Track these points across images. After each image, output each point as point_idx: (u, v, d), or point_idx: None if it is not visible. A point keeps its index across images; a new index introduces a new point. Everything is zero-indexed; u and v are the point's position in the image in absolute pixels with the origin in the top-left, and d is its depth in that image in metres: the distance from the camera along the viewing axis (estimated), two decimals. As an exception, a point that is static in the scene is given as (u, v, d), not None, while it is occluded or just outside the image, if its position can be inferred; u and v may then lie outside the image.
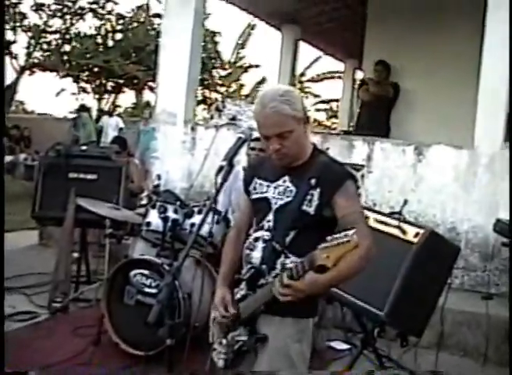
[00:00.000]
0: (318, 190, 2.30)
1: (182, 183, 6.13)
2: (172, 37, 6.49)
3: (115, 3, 16.08)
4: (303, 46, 11.05)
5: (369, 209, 3.87)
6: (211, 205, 2.38)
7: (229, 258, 2.57)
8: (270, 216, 2.38)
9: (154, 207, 4.32)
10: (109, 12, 16.01)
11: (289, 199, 2.34)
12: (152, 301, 3.95)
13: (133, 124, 14.75)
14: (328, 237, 2.02)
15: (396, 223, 3.63)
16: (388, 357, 4.19)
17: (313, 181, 2.30)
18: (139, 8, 18.01)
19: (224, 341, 2.43)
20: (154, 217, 4.28)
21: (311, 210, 2.30)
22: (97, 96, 19.20)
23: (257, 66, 21.72)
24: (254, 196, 2.48)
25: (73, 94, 19.33)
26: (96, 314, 4.47)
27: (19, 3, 14.07)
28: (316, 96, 24.58)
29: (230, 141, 6.22)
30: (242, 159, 5.67)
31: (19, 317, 4.68)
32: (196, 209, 4.25)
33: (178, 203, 4.30)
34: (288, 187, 2.37)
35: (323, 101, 24.77)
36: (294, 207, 2.31)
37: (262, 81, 23.12)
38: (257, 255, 2.38)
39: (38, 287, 5.38)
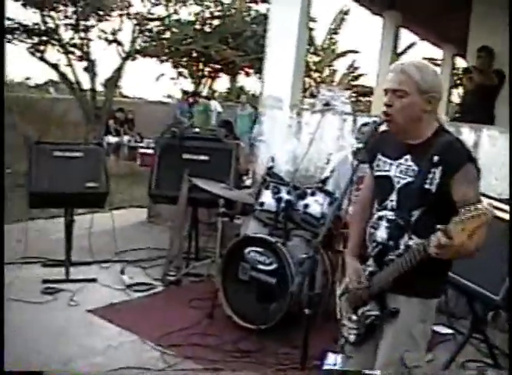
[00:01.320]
0: (440, 168, 2.28)
1: (287, 166, 6.26)
2: (279, 24, 6.59)
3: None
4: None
5: (483, 195, 3.88)
6: (349, 186, 2.47)
7: (356, 233, 2.64)
8: (393, 196, 2.40)
9: (267, 188, 4.50)
10: (208, -1, 16.40)
11: (412, 179, 2.34)
12: (265, 278, 4.15)
13: (229, 108, 15.02)
14: (462, 210, 2.02)
15: (509, 208, 3.62)
16: (493, 344, 4.11)
17: (435, 158, 2.28)
18: (236, -6, 18.35)
19: (354, 317, 2.51)
20: (267, 197, 4.47)
21: (433, 188, 2.29)
22: (194, 81, 19.71)
23: (353, 52, 21.48)
24: (377, 173, 2.50)
25: (172, 78, 20.01)
26: (207, 288, 4.73)
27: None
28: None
29: (335, 125, 6.32)
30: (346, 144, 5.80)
31: (138, 288, 5.00)
32: (309, 191, 4.40)
33: (291, 184, 4.46)
34: (410, 165, 2.37)
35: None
36: (417, 186, 2.31)
37: (354, 67, 22.88)
38: (381, 234, 2.42)
39: (151, 261, 5.70)
